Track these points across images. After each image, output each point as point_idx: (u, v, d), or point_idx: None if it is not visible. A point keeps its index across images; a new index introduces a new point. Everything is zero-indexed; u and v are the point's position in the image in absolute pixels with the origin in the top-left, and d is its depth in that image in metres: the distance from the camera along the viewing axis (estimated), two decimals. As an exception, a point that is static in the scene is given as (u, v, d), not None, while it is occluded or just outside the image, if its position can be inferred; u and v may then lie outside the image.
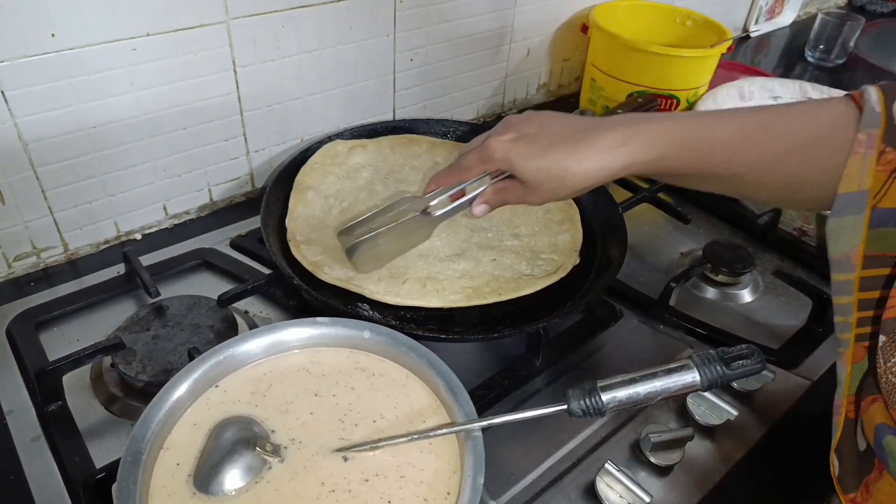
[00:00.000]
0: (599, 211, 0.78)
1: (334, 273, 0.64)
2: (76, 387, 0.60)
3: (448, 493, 0.43)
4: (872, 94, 0.46)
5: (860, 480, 0.42)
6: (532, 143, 0.53)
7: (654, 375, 0.44)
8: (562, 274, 0.69)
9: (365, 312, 0.62)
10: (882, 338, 0.40)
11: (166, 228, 0.79)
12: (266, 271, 0.71)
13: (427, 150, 0.84)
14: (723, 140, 0.50)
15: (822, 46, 1.38)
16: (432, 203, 0.59)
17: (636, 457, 0.57)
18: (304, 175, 0.74)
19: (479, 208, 0.58)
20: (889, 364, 0.39)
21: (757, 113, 0.52)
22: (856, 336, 0.43)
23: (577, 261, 0.71)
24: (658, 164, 0.52)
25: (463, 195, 0.58)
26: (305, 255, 0.65)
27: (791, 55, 1.45)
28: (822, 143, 0.47)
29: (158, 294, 0.65)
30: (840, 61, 1.38)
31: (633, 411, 0.61)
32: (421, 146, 0.84)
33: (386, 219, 0.60)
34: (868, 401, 0.41)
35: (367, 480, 0.43)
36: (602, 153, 0.51)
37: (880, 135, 0.44)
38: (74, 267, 0.73)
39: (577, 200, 0.79)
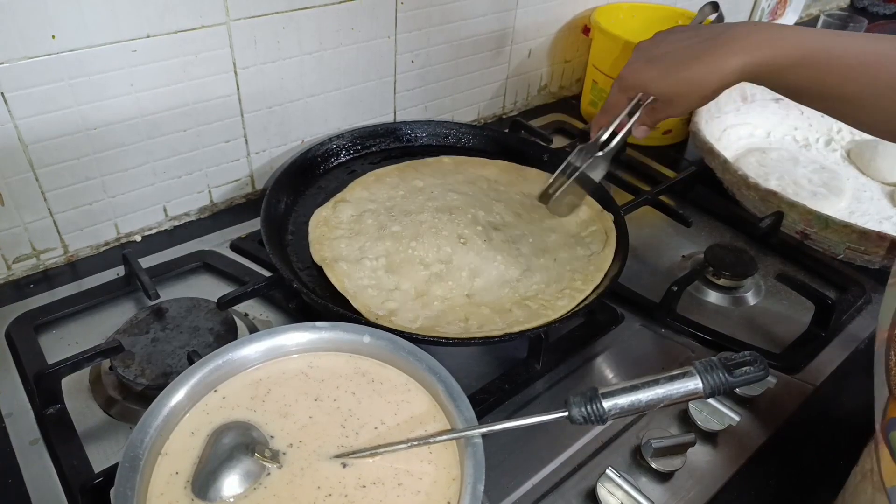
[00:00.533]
0: (601, 214, 0.77)
1: (452, 328, 0.62)
2: (75, 389, 0.60)
3: (448, 502, 0.42)
4: None
5: None
6: (658, 64, 0.59)
7: (656, 382, 0.43)
8: (614, 237, 0.73)
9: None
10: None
11: (166, 230, 0.79)
12: (266, 274, 0.71)
13: (399, 179, 0.80)
14: (847, 60, 0.52)
15: (824, 48, 1.37)
16: (600, 143, 0.71)
17: (637, 462, 0.57)
18: (318, 253, 0.69)
19: (640, 130, 0.67)
20: None
21: (879, 41, 0.54)
22: None
23: (611, 217, 0.75)
24: (782, 74, 0.54)
25: (622, 128, 0.68)
26: (410, 327, 0.61)
27: (793, 57, 1.45)
28: None
29: (158, 296, 0.65)
30: (843, 63, 1.37)
31: (635, 417, 0.60)
32: (391, 177, 0.80)
33: (570, 171, 0.75)
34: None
35: (364, 487, 0.43)
36: (729, 59, 0.55)
37: None
38: (74, 269, 0.73)
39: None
